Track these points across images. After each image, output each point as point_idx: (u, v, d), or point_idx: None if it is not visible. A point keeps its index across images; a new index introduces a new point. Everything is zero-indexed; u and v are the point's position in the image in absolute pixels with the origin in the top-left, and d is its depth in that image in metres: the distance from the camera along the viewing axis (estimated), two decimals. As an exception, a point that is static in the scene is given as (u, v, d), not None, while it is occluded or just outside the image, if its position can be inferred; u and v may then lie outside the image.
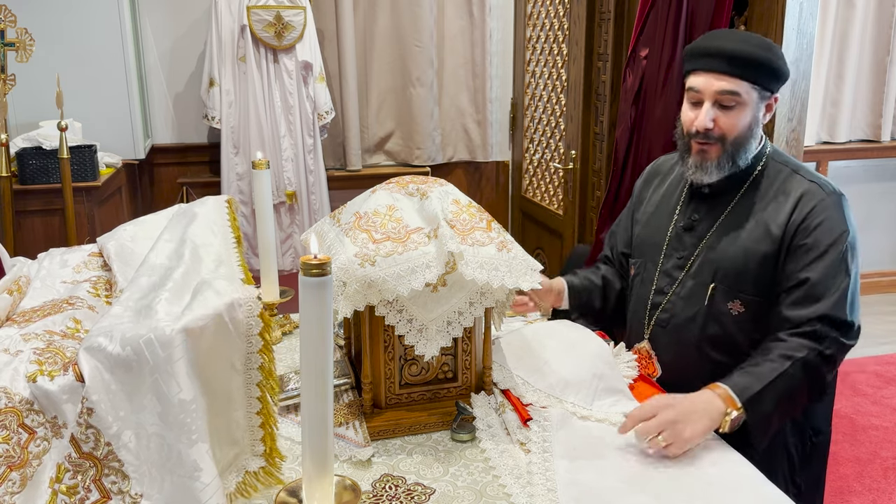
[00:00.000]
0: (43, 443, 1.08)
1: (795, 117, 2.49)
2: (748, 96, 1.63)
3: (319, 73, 4.02)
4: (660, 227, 1.83)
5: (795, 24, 2.39)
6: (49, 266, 1.54)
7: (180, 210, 1.57)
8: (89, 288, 1.46)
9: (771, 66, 1.62)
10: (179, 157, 4.25)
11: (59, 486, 1.05)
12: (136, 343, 1.06)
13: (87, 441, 1.05)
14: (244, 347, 1.18)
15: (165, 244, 1.36)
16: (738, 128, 1.64)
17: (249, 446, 1.21)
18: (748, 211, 1.69)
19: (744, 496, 1.28)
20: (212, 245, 1.37)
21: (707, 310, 1.71)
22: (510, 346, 1.67)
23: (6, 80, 3.25)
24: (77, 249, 1.63)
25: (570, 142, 3.60)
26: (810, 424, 1.72)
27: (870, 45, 4.68)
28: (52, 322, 1.28)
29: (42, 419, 1.08)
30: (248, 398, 1.20)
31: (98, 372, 1.05)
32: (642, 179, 1.99)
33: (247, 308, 1.17)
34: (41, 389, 1.08)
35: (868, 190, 4.75)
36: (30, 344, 1.18)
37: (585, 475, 1.32)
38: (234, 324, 1.16)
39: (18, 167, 3.29)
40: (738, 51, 1.61)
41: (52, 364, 1.12)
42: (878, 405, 3.48)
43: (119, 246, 1.51)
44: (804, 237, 1.60)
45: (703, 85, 1.64)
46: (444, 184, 1.55)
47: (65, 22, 3.65)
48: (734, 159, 1.67)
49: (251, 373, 1.20)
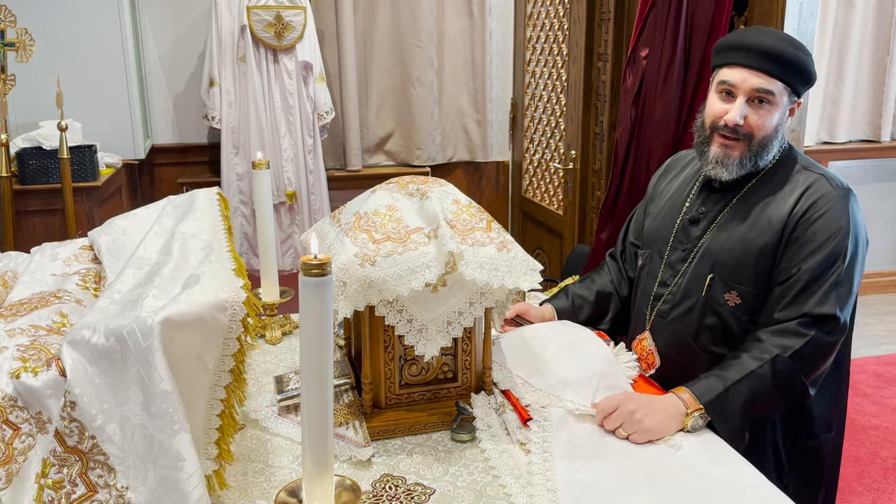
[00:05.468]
0: (28, 439, 1.08)
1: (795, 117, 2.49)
2: (780, 97, 1.61)
3: (319, 74, 4.02)
4: (669, 220, 1.83)
5: (795, 24, 2.39)
6: (39, 260, 1.54)
7: (170, 202, 1.56)
8: (78, 281, 1.45)
9: (807, 69, 1.61)
10: (179, 157, 4.25)
11: (44, 480, 1.05)
12: (119, 333, 1.05)
13: (72, 435, 1.05)
14: (220, 348, 1.17)
15: (155, 238, 1.35)
16: (766, 128, 1.63)
17: (204, 448, 1.18)
18: (753, 203, 1.68)
19: (744, 496, 1.28)
20: (201, 233, 1.35)
21: (704, 301, 1.70)
22: (510, 346, 1.67)
23: (6, 80, 3.25)
24: (69, 243, 1.62)
25: (570, 142, 3.60)
26: (803, 426, 1.71)
27: (870, 45, 4.68)
28: (38, 316, 1.28)
29: (26, 415, 1.08)
30: (211, 398, 1.18)
31: (80, 365, 1.05)
32: (658, 174, 1.98)
33: (231, 311, 1.15)
34: (24, 385, 1.08)
35: (868, 190, 4.75)
36: (14, 340, 1.17)
37: (585, 475, 1.32)
38: (215, 323, 1.14)
39: (18, 167, 3.29)
40: (778, 49, 1.59)
41: (36, 360, 1.11)
42: (878, 405, 3.48)
43: (111, 239, 1.50)
44: (803, 230, 1.59)
45: (740, 80, 1.62)
46: (444, 184, 1.55)
47: (65, 22, 3.65)
48: (757, 159, 1.66)
49: (221, 374, 1.18)
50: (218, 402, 1.18)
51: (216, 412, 1.18)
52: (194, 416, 1.16)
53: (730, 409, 1.51)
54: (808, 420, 1.71)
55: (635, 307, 1.91)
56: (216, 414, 1.18)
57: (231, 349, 1.17)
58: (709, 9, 2.45)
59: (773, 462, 1.69)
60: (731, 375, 1.54)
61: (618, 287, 1.99)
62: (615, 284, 1.99)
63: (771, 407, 1.60)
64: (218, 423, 1.18)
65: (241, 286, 1.19)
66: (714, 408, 1.50)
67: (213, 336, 1.15)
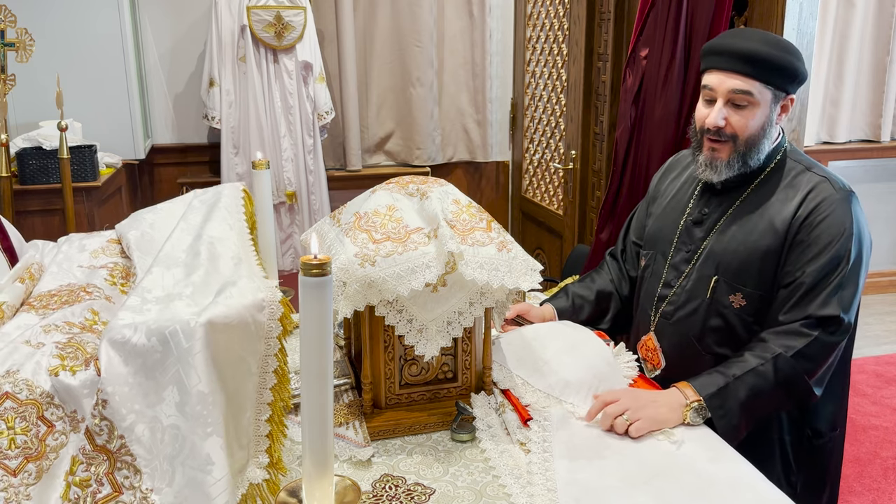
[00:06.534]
0: (61, 437, 1.08)
1: (795, 117, 2.49)
2: (761, 96, 1.62)
3: (319, 74, 4.02)
4: (672, 221, 1.84)
5: (795, 24, 2.39)
6: (67, 250, 1.53)
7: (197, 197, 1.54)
8: (106, 275, 1.45)
9: (785, 66, 1.61)
10: (179, 157, 4.25)
11: (72, 478, 1.05)
12: (161, 334, 1.06)
13: (101, 433, 1.05)
14: (262, 349, 1.17)
15: (182, 234, 1.35)
16: (749, 128, 1.64)
17: (254, 455, 1.18)
18: (757, 206, 1.69)
19: (743, 496, 1.28)
20: (228, 241, 1.35)
21: (709, 302, 1.71)
22: (510, 346, 1.67)
23: (6, 80, 3.25)
24: (96, 235, 1.62)
25: (570, 142, 3.60)
26: (809, 425, 1.72)
27: (870, 45, 4.68)
28: (71, 313, 1.28)
29: (61, 413, 1.08)
30: (258, 403, 1.18)
31: (115, 364, 1.05)
32: (659, 173, 1.99)
33: (270, 310, 1.15)
34: (62, 384, 1.08)
35: (868, 190, 4.74)
36: (51, 336, 1.17)
37: (585, 475, 1.32)
38: (256, 324, 1.14)
39: (18, 167, 3.29)
40: (750, 50, 1.60)
41: (74, 359, 1.11)
42: (878, 405, 3.48)
43: (139, 234, 1.49)
44: (807, 233, 1.60)
45: (717, 83, 1.65)
46: (444, 184, 1.55)
47: (65, 22, 3.65)
48: (745, 159, 1.67)
49: (266, 376, 1.18)
50: (265, 406, 1.17)
51: (264, 417, 1.18)
52: (242, 422, 1.15)
53: (729, 404, 1.52)
54: (816, 419, 1.72)
55: (639, 308, 1.91)
56: (264, 419, 1.18)
57: (273, 349, 1.17)
58: (709, 9, 2.45)
59: (781, 462, 1.70)
60: (733, 371, 1.55)
61: (618, 286, 1.99)
62: (615, 284, 1.99)
63: (774, 405, 1.61)
64: (267, 428, 1.18)
65: (275, 286, 1.19)
66: (714, 401, 1.51)
67: (254, 337, 1.15)
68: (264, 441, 1.18)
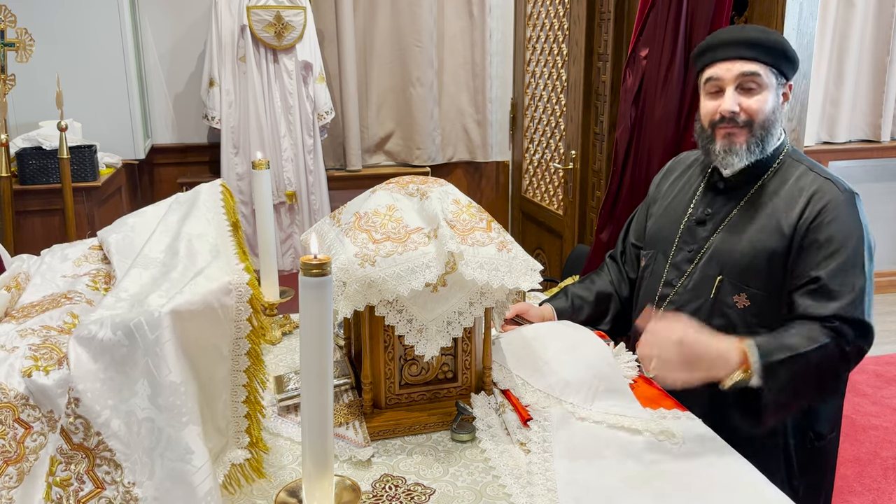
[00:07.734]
0: (39, 437, 1.07)
1: (795, 117, 2.49)
2: (768, 79, 1.66)
3: (319, 74, 4.02)
4: (674, 221, 1.84)
5: (795, 24, 2.39)
6: (50, 261, 1.53)
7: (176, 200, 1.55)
8: (88, 282, 1.45)
9: (784, 48, 1.66)
10: (179, 157, 4.25)
11: (52, 478, 1.04)
12: (126, 326, 1.04)
13: (77, 432, 1.04)
14: (232, 332, 1.15)
15: (160, 236, 1.34)
16: (763, 111, 1.66)
17: (234, 437, 1.18)
18: (761, 206, 1.69)
19: (744, 496, 1.28)
20: (207, 235, 1.34)
21: (713, 302, 1.71)
22: (510, 346, 1.67)
23: (6, 80, 3.25)
24: (78, 244, 1.61)
25: (570, 142, 3.60)
26: (812, 427, 1.71)
27: (870, 45, 4.68)
28: (50, 317, 1.27)
29: (38, 414, 1.08)
30: (234, 385, 1.17)
31: (84, 361, 1.04)
32: (660, 175, 1.99)
33: (237, 293, 1.14)
34: (36, 384, 1.07)
35: (868, 190, 4.73)
36: (26, 340, 1.17)
37: (585, 475, 1.32)
38: (223, 309, 1.13)
39: (18, 167, 3.29)
40: (751, 36, 1.66)
41: (48, 359, 1.11)
42: (878, 405, 3.48)
43: (120, 237, 1.49)
44: (816, 234, 1.59)
45: (724, 72, 1.67)
46: (444, 184, 1.55)
47: (65, 22, 3.65)
48: (763, 144, 1.67)
49: (238, 359, 1.17)
50: (241, 388, 1.17)
51: (241, 399, 1.17)
52: (218, 407, 1.15)
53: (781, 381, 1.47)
54: (817, 421, 1.71)
55: (638, 308, 1.90)
56: (241, 401, 1.17)
57: (243, 331, 1.16)
58: (709, 9, 2.45)
59: (784, 467, 1.69)
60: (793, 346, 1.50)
61: (618, 288, 1.99)
62: (615, 285, 1.99)
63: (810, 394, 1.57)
64: (245, 409, 1.18)
65: (243, 268, 1.18)
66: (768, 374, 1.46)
67: (223, 322, 1.14)
68: (243, 422, 1.18)
